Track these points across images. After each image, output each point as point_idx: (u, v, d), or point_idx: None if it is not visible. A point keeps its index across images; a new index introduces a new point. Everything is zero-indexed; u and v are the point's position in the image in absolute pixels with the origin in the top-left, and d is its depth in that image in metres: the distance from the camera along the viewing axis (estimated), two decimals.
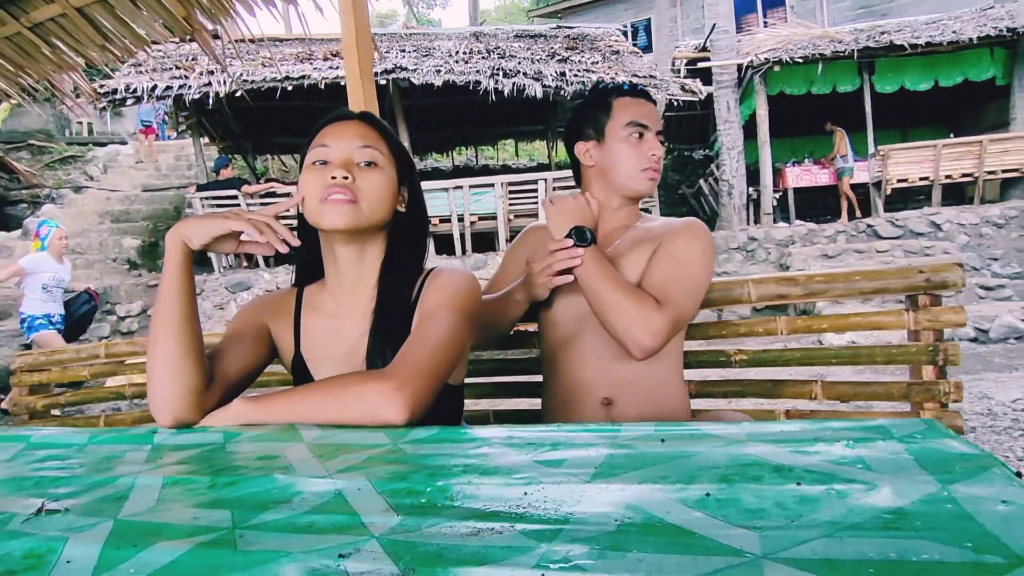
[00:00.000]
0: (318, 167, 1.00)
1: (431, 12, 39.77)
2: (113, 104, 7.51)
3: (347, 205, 0.97)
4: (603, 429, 0.66)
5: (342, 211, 0.97)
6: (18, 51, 2.98)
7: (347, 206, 0.97)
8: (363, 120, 1.07)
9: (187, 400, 0.89)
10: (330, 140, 1.01)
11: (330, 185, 0.97)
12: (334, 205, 0.97)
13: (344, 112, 1.07)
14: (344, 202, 0.97)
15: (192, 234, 0.93)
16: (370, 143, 1.02)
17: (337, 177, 0.97)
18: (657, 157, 1.35)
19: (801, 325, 1.44)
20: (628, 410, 1.27)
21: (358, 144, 1.01)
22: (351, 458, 0.65)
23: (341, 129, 1.03)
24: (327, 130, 1.03)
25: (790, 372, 3.22)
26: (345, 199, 0.97)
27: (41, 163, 11.25)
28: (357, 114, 1.07)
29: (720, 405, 1.55)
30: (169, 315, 0.91)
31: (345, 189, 0.97)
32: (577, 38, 9.90)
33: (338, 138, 1.01)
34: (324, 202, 0.97)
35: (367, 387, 0.80)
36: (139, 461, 0.73)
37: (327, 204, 0.97)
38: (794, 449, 0.55)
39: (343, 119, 1.05)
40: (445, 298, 0.98)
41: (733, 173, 9.43)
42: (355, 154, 1.01)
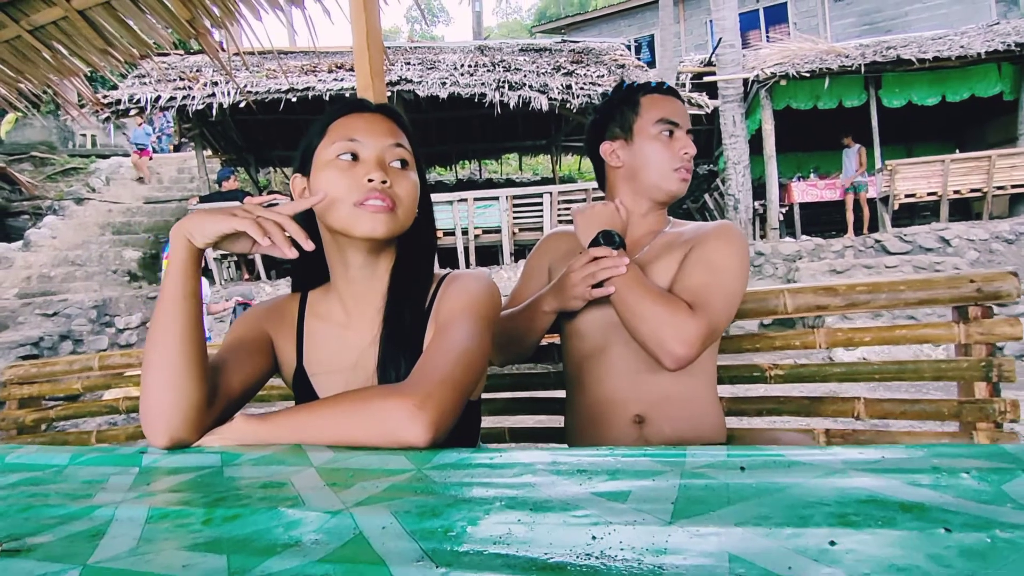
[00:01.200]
0: (346, 163, 0.90)
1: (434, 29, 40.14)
2: (117, 115, 7.47)
3: (387, 213, 0.88)
4: (666, 454, 0.56)
5: (382, 220, 0.88)
6: (18, 56, 2.91)
7: (386, 214, 0.88)
8: (384, 113, 0.97)
9: (186, 417, 0.79)
10: (361, 134, 0.91)
11: (369, 189, 0.87)
12: (373, 213, 0.87)
13: (363, 103, 0.98)
14: (384, 210, 0.88)
15: (196, 231, 0.82)
16: (401, 141, 0.94)
17: (376, 180, 0.87)
18: (690, 156, 1.26)
19: (842, 338, 1.35)
20: (662, 429, 1.17)
21: (391, 142, 0.92)
22: (370, 487, 0.55)
23: (370, 122, 0.93)
24: (353, 121, 0.93)
25: (828, 389, 3.13)
26: (385, 206, 0.88)
27: (44, 175, 11.22)
28: (376, 106, 0.98)
29: (755, 423, 1.45)
30: (172, 320, 0.80)
31: (385, 195, 0.88)
32: (582, 52, 9.90)
33: (370, 133, 0.91)
34: (360, 207, 0.87)
35: (385, 404, 0.71)
36: (123, 487, 0.64)
37: (363, 210, 0.87)
38: (910, 481, 0.45)
39: (365, 110, 0.96)
40: (465, 304, 0.89)
41: (739, 187, 9.37)
42: (387, 153, 0.92)
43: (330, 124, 0.94)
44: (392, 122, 0.97)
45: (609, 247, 1.17)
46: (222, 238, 0.83)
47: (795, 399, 1.38)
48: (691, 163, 1.29)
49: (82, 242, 9.15)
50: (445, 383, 0.74)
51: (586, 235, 1.22)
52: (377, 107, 0.98)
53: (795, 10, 14.86)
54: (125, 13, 2.67)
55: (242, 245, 0.85)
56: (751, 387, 1.44)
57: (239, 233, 0.83)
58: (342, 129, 0.92)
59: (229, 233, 0.82)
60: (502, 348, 1.36)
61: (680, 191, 1.28)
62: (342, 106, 0.97)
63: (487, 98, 7.74)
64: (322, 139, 0.93)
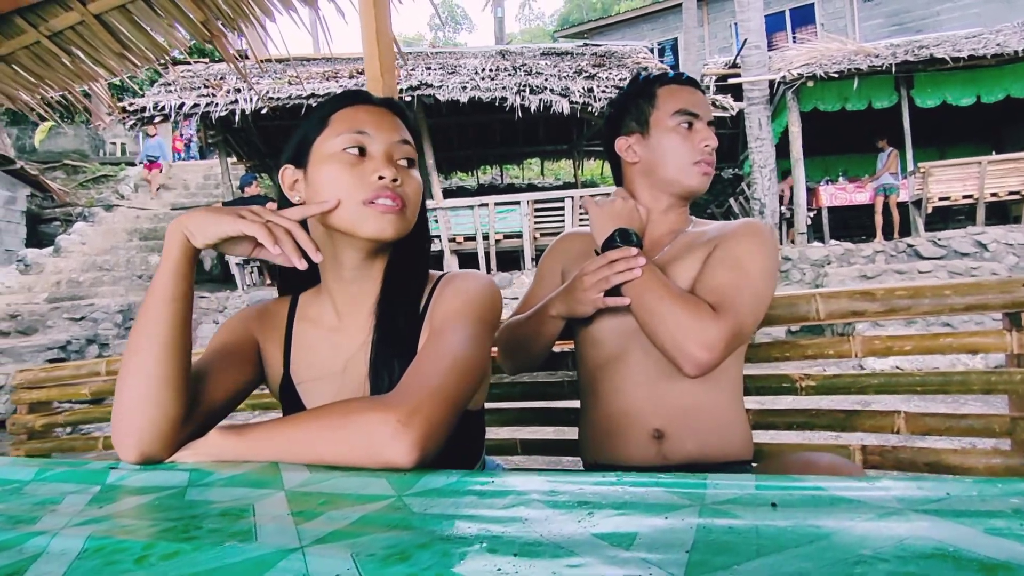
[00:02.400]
0: (353, 157, 0.83)
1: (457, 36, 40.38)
2: (142, 122, 7.58)
3: (396, 214, 0.82)
4: (683, 483, 0.48)
5: (391, 220, 0.82)
6: (37, 61, 2.93)
7: (396, 215, 0.82)
8: (389, 108, 0.91)
9: (160, 432, 0.72)
10: (369, 127, 0.85)
11: (379, 187, 0.81)
12: (382, 213, 0.81)
13: (366, 94, 0.91)
14: (394, 210, 0.82)
15: (197, 229, 0.75)
16: (408, 138, 0.89)
17: (387, 178, 0.82)
18: (711, 148, 1.17)
19: (879, 346, 1.24)
20: (683, 444, 1.08)
21: (398, 138, 0.87)
22: (338, 517, 0.48)
23: (378, 116, 0.87)
24: (360, 113, 0.87)
25: (865, 401, 2.98)
26: (395, 207, 0.82)
27: (75, 182, 11.46)
28: (380, 99, 0.91)
29: (785, 438, 1.35)
30: (156, 324, 0.74)
31: (395, 195, 0.82)
32: (604, 55, 9.80)
33: (379, 127, 0.86)
34: (370, 205, 0.81)
35: (367, 419, 0.63)
36: (74, 509, 0.57)
37: (372, 209, 0.81)
38: (989, 528, 0.36)
39: (370, 102, 0.89)
40: (460, 306, 0.82)
41: (765, 191, 9.17)
42: (396, 149, 0.86)
43: (332, 114, 0.87)
44: (398, 117, 0.91)
45: (626, 247, 1.08)
46: (225, 240, 0.76)
47: (828, 412, 1.27)
48: (713, 156, 1.20)
49: (110, 248, 9.30)
50: (435, 395, 0.67)
51: (601, 233, 1.13)
52: (382, 100, 0.92)
53: (822, 11, 14.58)
54: (140, 16, 2.66)
55: (242, 249, 0.79)
56: (780, 399, 1.34)
57: (243, 236, 0.76)
58: (348, 120, 0.86)
59: (234, 236, 0.75)
60: (510, 355, 1.28)
61: (701, 186, 1.19)
62: (345, 96, 0.90)
63: (508, 102, 7.68)
64: (323, 129, 0.86)
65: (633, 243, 1.09)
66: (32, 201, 10.36)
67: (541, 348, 1.22)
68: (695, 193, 1.21)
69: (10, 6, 2.59)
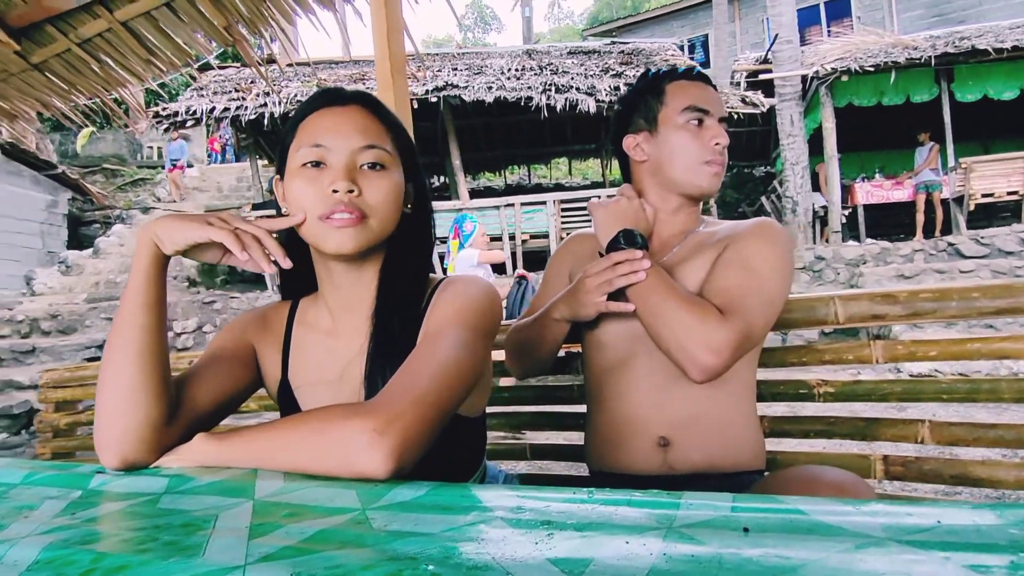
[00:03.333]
0: (312, 171, 0.80)
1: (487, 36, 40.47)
2: (175, 126, 7.77)
3: (355, 227, 0.79)
4: (656, 502, 0.45)
5: (349, 235, 0.79)
6: (69, 68, 3.01)
7: (354, 228, 0.79)
8: (361, 105, 0.86)
9: (141, 438, 0.72)
10: (327, 137, 0.81)
11: (334, 202, 0.78)
12: (339, 228, 0.79)
13: (336, 94, 0.86)
14: (351, 223, 0.79)
15: (166, 236, 0.75)
16: (374, 141, 0.83)
17: (340, 191, 0.78)
18: (722, 147, 1.13)
19: (902, 352, 1.18)
20: (689, 453, 1.04)
21: (360, 143, 0.81)
22: (295, 532, 0.46)
23: (338, 122, 0.82)
24: (319, 121, 0.83)
25: (886, 409, 2.88)
26: (352, 219, 0.79)
27: (114, 186, 11.82)
28: (352, 95, 0.86)
29: (802, 447, 1.30)
30: (129, 331, 0.74)
31: (351, 207, 0.79)
32: (632, 53, 9.71)
33: (336, 135, 0.81)
34: (326, 221, 0.79)
35: (343, 427, 0.62)
36: (46, 516, 0.57)
37: (330, 224, 0.79)
38: (977, 566, 0.32)
39: (336, 103, 0.85)
40: (454, 311, 0.79)
41: (797, 189, 8.96)
42: (358, 156, 0.81)
43: (299, 123, 0.85)
44: (370, 115, 0.85)
45: (629, 246, 1.05)
46: (193, 247, 0.76)
47: (848, 420, 1.22)
48: (724, 155, 1.16)
49: None
50: (417, 404, 0.65)
51: (605, 234, 1.10)
52: (353, 97, 0.86)
53: (859, 4, 14.20)
54: (164, 23, 2.71)
55: (212, 255, 0.79)
56: (798, 406, 1.29)
57: (212, 242, 0.76)
58: (309, 131, 0.82)
59: (202, 242, 0.75)
60: (517, 359, 1.26)
61: (711, 187, 1.15)
62: (313, 100, 0.86)
63: (533, 101, 7.66)
64: (291, 140, 0.84)
65: (638, 244, 1.06)
66: (73, 204, 10.70)
67: (546, 352, 1.20)
68: (705, 193, 1.16)
69: (42, 15, 2.66)
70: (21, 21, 2.70)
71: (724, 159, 1.16)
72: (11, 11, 2.68)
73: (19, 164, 9.33)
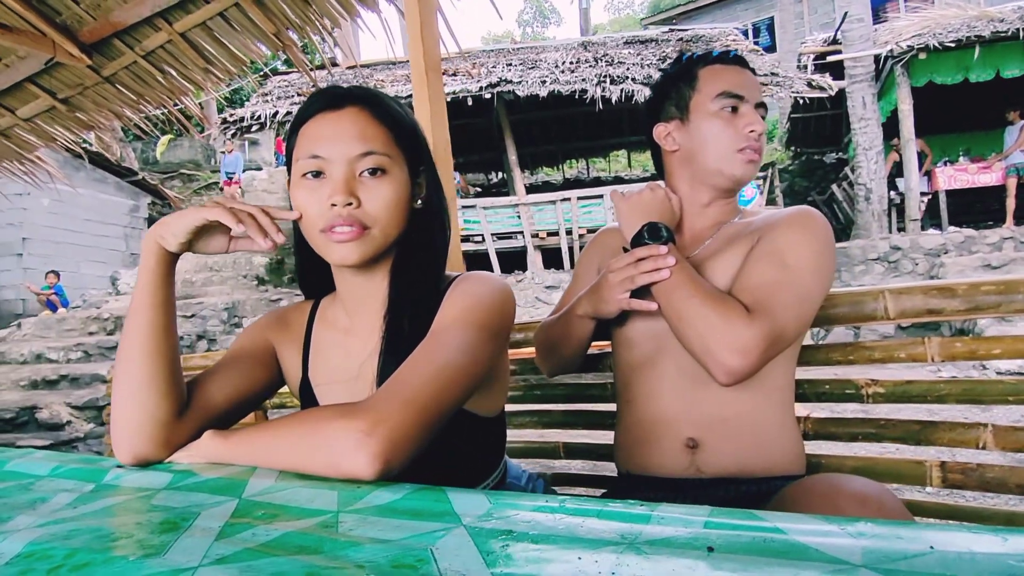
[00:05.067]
0: (312, 181, 0.80)
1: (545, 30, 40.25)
2: (241, 132, 8.11)
3: (355, 240, 0.78)
4: (625, 515, 0.42)
5: (351, 248, 0.79)
6: (136, 79, 3.18)
7: (355, 242, 0.78)
8: (359, 106, 0.82)
9: (151, 435, 0.74)
10: (324, 147, 0.79)
11: (334, 216, 0.78)
12: (338, 243, 0.78)
13: (332, 96, 0.82)
14: (351, 237, 0.78)
15: (167, 233, 0.77)
16: (372, 146, 0.80)
17: (339, 205, 0.77)
18: (757, 133, 1.07)
19: (961, 350, 1.09)
20: (719, 457, 0.99)
21: (358, 151, 0.79)
22: (261, 534, 0.46)
23: (335, 129, 0.79)
24: (315, 129, 0.80)
25: (944, 411, 2.67)
26: (352, 232, 0.78)
27: (190, 189, 12.48)
28: (349, 96, 0.82)
29: (849, 451, 1.22)
30: (137, 330, 0.76)
31: (350, 220, 0.78)
32: (690, 40, 9.43)
33: (333, 144, 0.79)
34: (327, 233, 0.79)
35: (333, 428, 0.61)
36: (51, 509, 0.59)
37: (331, 238, 0.78)
38: None
39: (333, 107, 0.81)
40: (461, 310, 0.78)
41: (871, 176, 8.48)
42: (356, 164, 0.79)
43: (299, 129, 0.83)
44: (368, 116, 0.81)
45: (653, 239, 1.01)
46: (195, 234, 0.78)
47: (901, 423, 1.13)
48: (761, 142, 1.09)
49: None
50: (408, 405, 0.63)
51: (629, 227, 1.06)
52: (350, 98, 0.82)
53: None
54: (219, 32, 2.82)
55: (217, 243, 0.81)
56: (845, 407, 1.20)
57: (213, 230, 0.79)
58: (307, 140, 0.81)
59: (200, 226, 0.77)
60: (545, 357, 1.24)
61: (746, 175, 1.09)
62: (311, 103, 0.83)
63: (588, 94, 7.55)
64: (295, 145, 0.83)
65: (663, 238, 1.01)
66: (153, 208, 11.38)
67: (573, 350, 1.17)
68: (740, 183, 1.10)
69: (109, 30, 2.82)
70: (92, 36, 2.87)
71: (761, 146, 1.10)
72: (82, 27, 2.85)
73: (104, 172, 9.99)
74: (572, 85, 7.60)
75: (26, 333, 7.78)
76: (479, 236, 8.52)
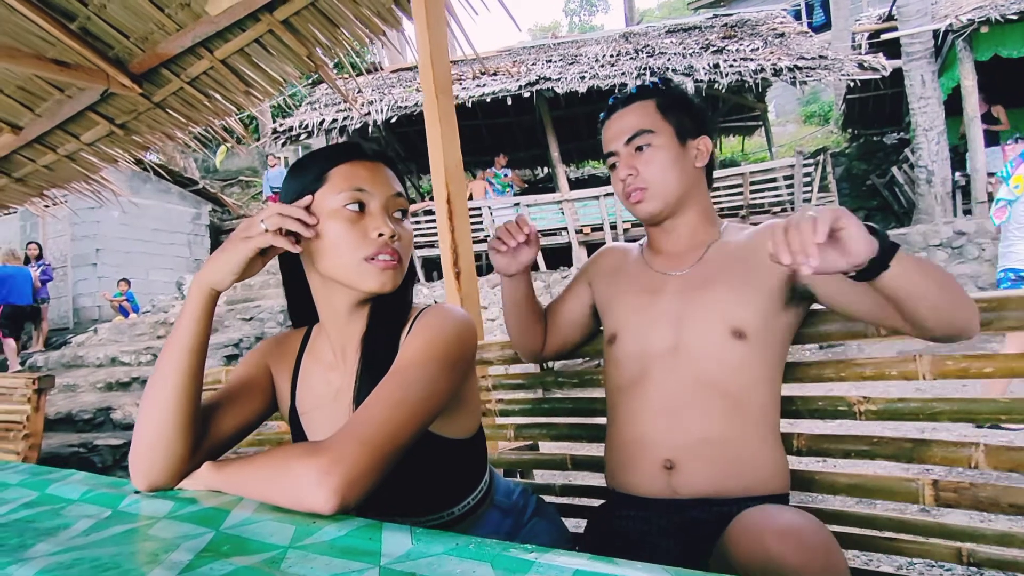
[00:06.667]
0: (353, 214, 0.87)
1: (592, 19, 39.70)
2: (290, 140, 8.43)
3: (395, 269, 0.88)
4: (508, 561, 0.47)
5: (390, 276, 0.88)
6: (183, 104, 3.38)
7: (394, 270, 0.88)
8: (382, 162, 0.94)
9: (166, 466, 0.82)
10: (367, 184, 0.89)
11: (380, 244, 0.87)
12: (383, 269, 0.87)
13: (362, 148, 0.94)
14: (393, 266, 0.88)
15: (219, 275, 0.81)
16: (400, 191, 0.94)
17: (385, 234, 0.87)
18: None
19: (952, 368, 1.08)
20: (694, 478, 1.02)
21: (393, 192, 0.91)
22: (216, 569, 0.53)
23: (374, 172, 0.91)
24: (357, 169, 0.90)
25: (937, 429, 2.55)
26: (394, 262, 0.88)
27: (248, 196, 13.02)
28: (374, 153, 0.95)
29: (840, 467, 1.22)
30: (171, 371, 0.81)
31: (393, 250, 0.88)
32: (735, 25, 9.18)
33: (376, 184, 0.90)
34: (371, 262, 0.86)
35: (296, 465, 0.69)
36: (67, 537, 0.69)
37: (373, 266, 0.86)
38: None
39: (364, 158, 0.92)
40: (420, 345, 0.84)
41: (932, 157, 8.07)
42: (391, 204, 0.91)
43: (330, 170, 0.90)
44: (390, 170, 0.95)
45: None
46: (247, 268, 0.81)
47: (893, 440, 1.13)
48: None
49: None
50: (364, 444, 0.70)
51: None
52: (375, 154, 0.95)
53: None
54: (257, 57, 2.97)
55: (258, 265, 0.84)
56: (840, 423, 1.21)
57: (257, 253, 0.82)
58: (347, 178, 0.89)
59: (251, 257, 0.81)
60: (510, 333, 1.33)
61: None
62: (339, 152, 0.93)
63: (627, 87, 7.47)
64: (321, 185, 0.89)
65: None
66: (214, 215, 11.94)
67: (517, 317, 1.27)
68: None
69: (156, 61, 3.01)
70: (141, 67, 3.07)
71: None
72: (132, 60, 3.06)
73: (168, 183, 10.56)
74: (611, 79, 7.55)
75: (102, 338, 8.34)
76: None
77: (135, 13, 2.77)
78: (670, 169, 1.13)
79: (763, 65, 7.41)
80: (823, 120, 15.89)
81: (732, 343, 1.04)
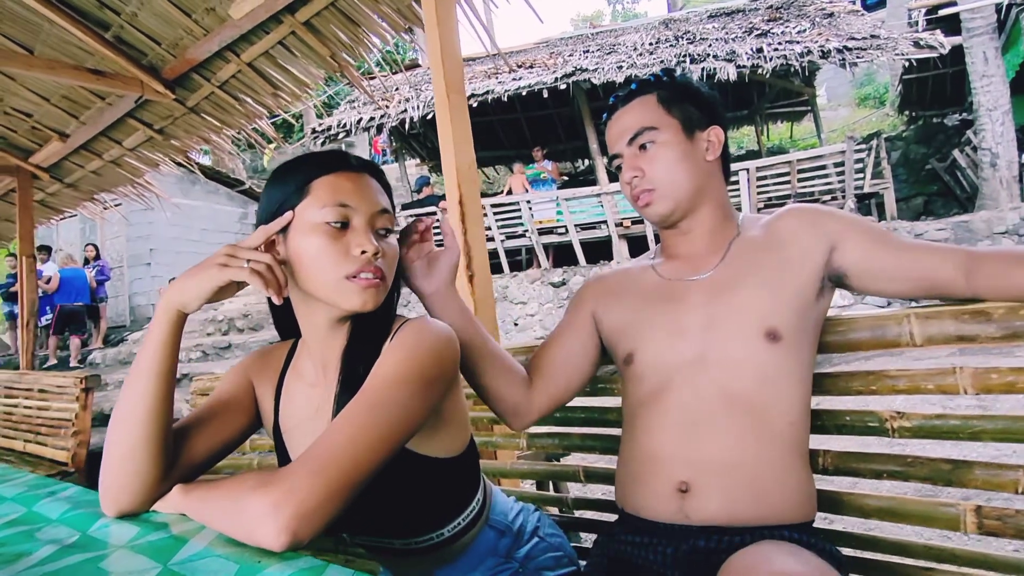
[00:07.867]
0: (335, 230, 0.83)
1: (636, 6, 39.01)
2: (330, 139, 8.53)
3: (377, 288, 0.84)
4: None
5: (372, 294, 0.83)
6: (215, 107, 3.43)
7: (376, 289, 0.84)
8: (369, 173, 0.89)
9: (135, 492, 0.78)
10: (352, 199, 0.84)
11: (363, 263, 0.82)
12: (364, 288, 0.83)
13: (347, 159, 0.89)
14: (375, 284, 0.83)
15: (187, 295, 0.78)
16: (387, 207, 0.89)
17: (368, 252, 0.82)
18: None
19: (997, 382, 0.96)
20: (709, 504, 0.93)
21: (378, 207, 0.87)
22: None
23: (359, 185, 0.86)
24: (342, 182, 0.85)
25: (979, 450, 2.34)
26: (376, 280, 0.83)
27: None
28: (361, 164, 0.90)
29: (872, 488, 1.12)
30: (139, 398, 0.78)
31: (376, 268, 0.84)
32: (781, 7, 8.82)
33: (360, 198, 0.85)
34: (352, 280, 0.82)
35: (250, 498, 0.65)
36: (25, 565, 0.67)
37: (355, 284, 0.82)
38: None
39: (350, 168, 0.88)
40: (394, 364, 0.79)
41: (997, 139, 7.59)
42: (376, 220, 0.86)
43: (312, 182, 0.85)
44: (377, 182, 0.90)
45: None
46: (216, 293, 0.79)
47: (929, 461, 1.02)
48: None
49: None
50: (318, 474, 0.65)
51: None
52: (362, 166, 0.90)
53: None
54: (281, 59, 2.99)
55: (229, 291, 0.80)
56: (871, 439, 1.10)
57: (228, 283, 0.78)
58: (330, 191, 0.84)
59: (223, 286, 0.78)
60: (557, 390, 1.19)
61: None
62: (323, 162, 0.88)
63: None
64: (303, 197, 0.85)
65: None
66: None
67: (470, 364, 1.09)
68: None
69: (186, 66, 3.06)
70: (173, 73, 3.13)
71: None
72: (164, 66, 3.12)
73: (216, 183, 10.86)
74: (649, 68, 7.34)
75: None
76: (563, 228, 8.46)
77: (164, 19, 2.82)
78: (678, 166, 1.05)
79: (810, 47, 7.07)
80: (878, 103, 15.19)
81: (765, 347, 0.96)
